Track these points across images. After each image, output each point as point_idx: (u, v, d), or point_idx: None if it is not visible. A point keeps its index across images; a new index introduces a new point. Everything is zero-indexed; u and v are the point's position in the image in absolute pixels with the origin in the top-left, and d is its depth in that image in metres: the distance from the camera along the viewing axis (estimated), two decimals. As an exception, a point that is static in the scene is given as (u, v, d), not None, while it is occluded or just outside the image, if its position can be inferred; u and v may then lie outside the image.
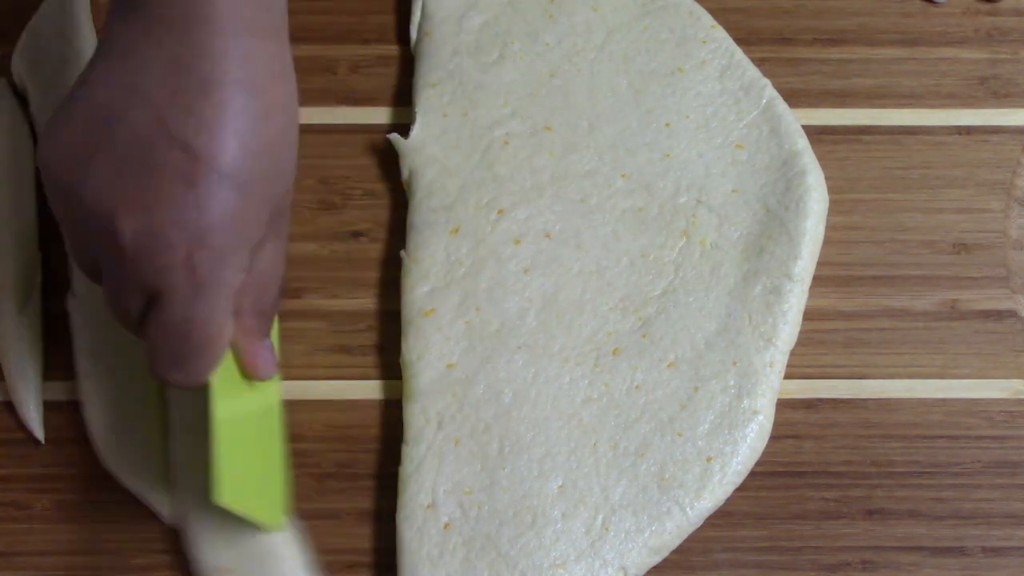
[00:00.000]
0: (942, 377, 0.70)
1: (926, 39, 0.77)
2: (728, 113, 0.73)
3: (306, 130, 0.75)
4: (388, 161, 0.74)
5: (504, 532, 0.65)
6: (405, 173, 0.73)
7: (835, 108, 0.75)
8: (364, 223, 0.74)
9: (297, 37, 0.77)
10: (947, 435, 0.69)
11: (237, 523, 0.63)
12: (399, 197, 0.74)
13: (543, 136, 0.72)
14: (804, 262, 0.70)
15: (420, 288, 0.70)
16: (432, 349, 0.69)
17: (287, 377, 0.70)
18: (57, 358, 0.71)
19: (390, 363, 0.71)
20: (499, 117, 0.73)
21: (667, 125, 0.73)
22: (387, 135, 0.74)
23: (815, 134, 0.74)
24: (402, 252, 0.71)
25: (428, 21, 0.76)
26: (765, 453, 0.67)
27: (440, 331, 0.69)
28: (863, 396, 0.70)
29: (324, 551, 0.67)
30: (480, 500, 0.66)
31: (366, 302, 0.72)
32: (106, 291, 0.58)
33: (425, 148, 0.73)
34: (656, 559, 0.66)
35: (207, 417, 0.60)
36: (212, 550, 0.65)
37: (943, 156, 0.74)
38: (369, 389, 0.70)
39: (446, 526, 0.65)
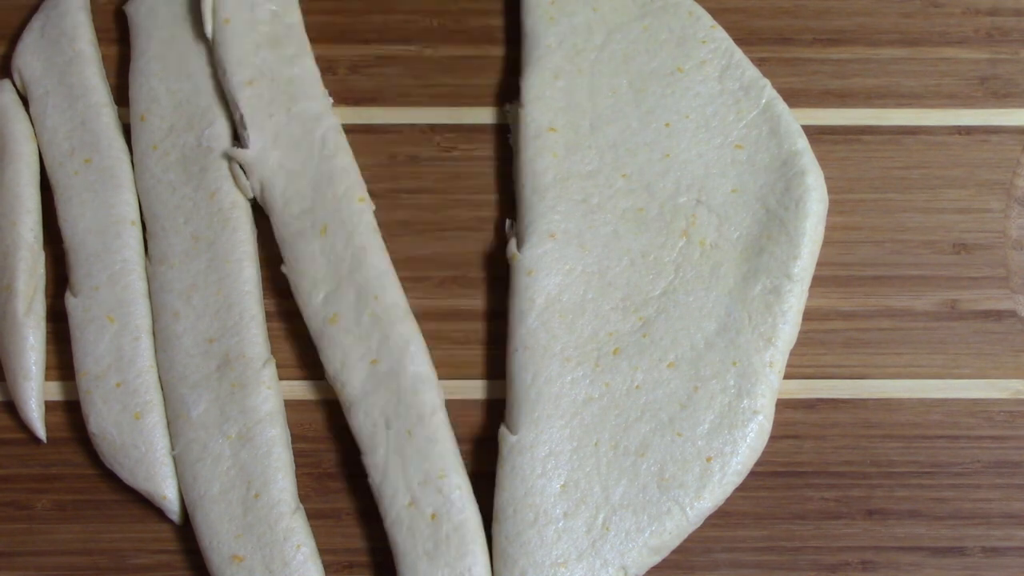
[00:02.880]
0: (942, 377, 0.70)
1: (926, 39, 0.77)
2: (728, 113, 0.73)
3: (306, 130, 0.75)
4: (389, 160, 0.74)
5: (504, 529, 0.65)
6: (256, 188, 0.72)
7: (835, 108, 0.75)
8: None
9: (297, 37, 0.77)
10: (947, 435, 0.69)
11: None
12: (398, 197, 0.74)
13: (547, 137, 0.72)
14: (804, 262, 0.70)
15: (316, 298, 0.70)
16: (351, 353, 0.69)
17: (285, 377, 0.70)
18: (57, 358, 0.71)
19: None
20: (321, 108, 0.73)
21: (667, 125, 0.73)
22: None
23: (815, 134, 0.74)
24: (282, 268, 0.71)
25: (224, 6, 0.75)
26: (765, 453, 0.67)
27: (350, 333, 0.69)
28: (863, 396, 0.70)
29: (324, 551, 0.67)
30: (458, 483, 0.66)
31: (366, 302, 0.72)
32: None
33: (268, 156, 0.72)
34: (656, 559, 0.66)
35: None
36: (223, 540, 0.65)
37: (943, 156, 0.74)
38: (369, 389, 0.70)
39: (433, 516, 0.65)
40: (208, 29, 0.74)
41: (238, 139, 0.73)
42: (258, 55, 0.74)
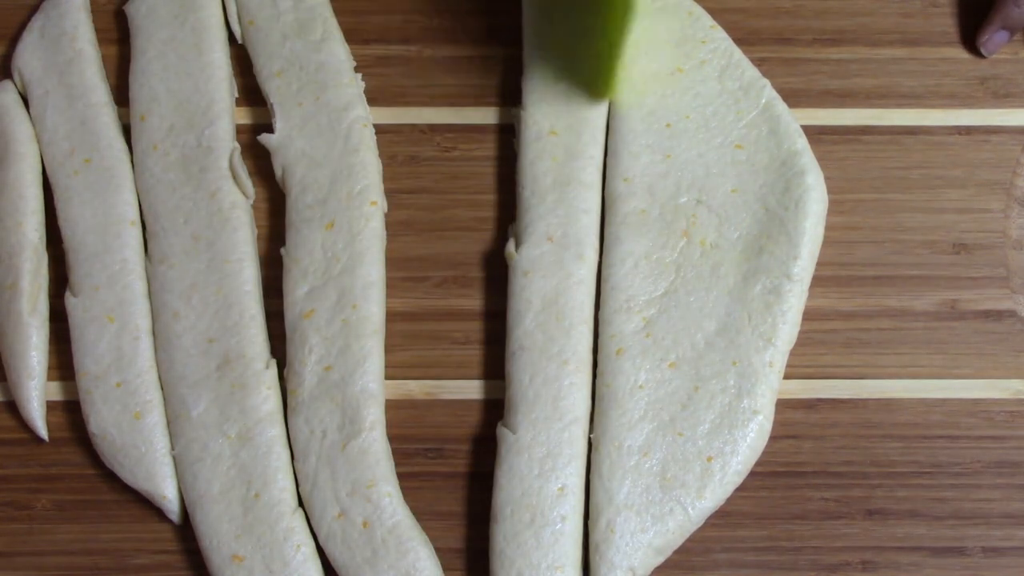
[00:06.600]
0: (942, 377, 0.70)
1: (926, 39, 0.76)
2: (727, 113, 0.73)
3: (306, 130, 0.75)
4: (389, 160, 0.74)
5: (501, 529, 0.65)
6: (278, 172, 0.72)
7: (835, 108, 0.75)
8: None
9: (297, 37, 0.77)
10: (947, 435, 0.69)
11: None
12: (398, 198, 0.74)
13: (548, 140, 0.72)
14: (803, 262, 0.70)
15: (300, 289, 0.70)
16: (313, 353, 0.68)
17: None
18: (57, 358, 0.71)
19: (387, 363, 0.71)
20: (349, 97, 0.73)
21: (668, 126, 0.73)
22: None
23: (815, 134, 0.74)
24: (282, 249, 0.71)
25: (246, 9, 0.75)
26: (765, 453, 0.67)
27: (319, 332, 0.69)
28: (863, 396, 0.70)
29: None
30: (388, 490, 0.66)
31: (366, 302, 0.72)
32: None
33: (292, 143, 0.72)
34: (660, 559, 0.66)
35: None
36: (223, 540, 0.65)
37: (943, 156, 0.74)
38: (369, 389, 0.70)
39: (364, 524, 0.65)
40: (237, 33, 0.75)
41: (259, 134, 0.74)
42: (285, 45, 0.74)
